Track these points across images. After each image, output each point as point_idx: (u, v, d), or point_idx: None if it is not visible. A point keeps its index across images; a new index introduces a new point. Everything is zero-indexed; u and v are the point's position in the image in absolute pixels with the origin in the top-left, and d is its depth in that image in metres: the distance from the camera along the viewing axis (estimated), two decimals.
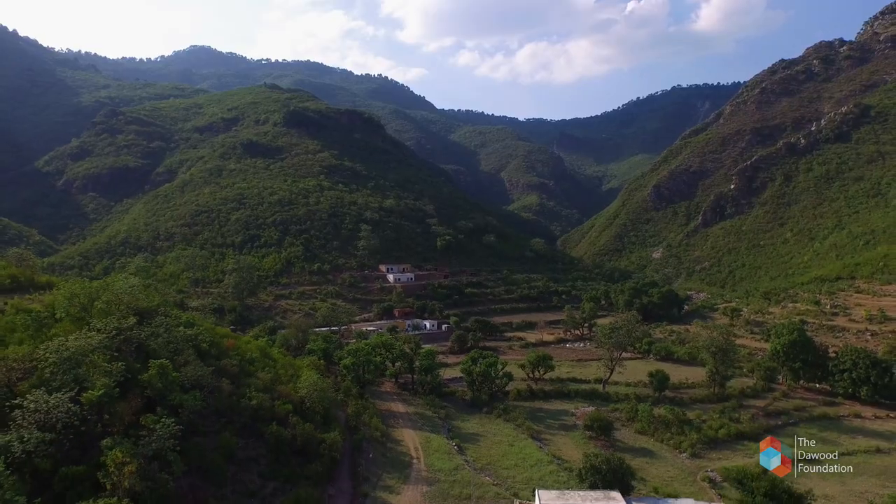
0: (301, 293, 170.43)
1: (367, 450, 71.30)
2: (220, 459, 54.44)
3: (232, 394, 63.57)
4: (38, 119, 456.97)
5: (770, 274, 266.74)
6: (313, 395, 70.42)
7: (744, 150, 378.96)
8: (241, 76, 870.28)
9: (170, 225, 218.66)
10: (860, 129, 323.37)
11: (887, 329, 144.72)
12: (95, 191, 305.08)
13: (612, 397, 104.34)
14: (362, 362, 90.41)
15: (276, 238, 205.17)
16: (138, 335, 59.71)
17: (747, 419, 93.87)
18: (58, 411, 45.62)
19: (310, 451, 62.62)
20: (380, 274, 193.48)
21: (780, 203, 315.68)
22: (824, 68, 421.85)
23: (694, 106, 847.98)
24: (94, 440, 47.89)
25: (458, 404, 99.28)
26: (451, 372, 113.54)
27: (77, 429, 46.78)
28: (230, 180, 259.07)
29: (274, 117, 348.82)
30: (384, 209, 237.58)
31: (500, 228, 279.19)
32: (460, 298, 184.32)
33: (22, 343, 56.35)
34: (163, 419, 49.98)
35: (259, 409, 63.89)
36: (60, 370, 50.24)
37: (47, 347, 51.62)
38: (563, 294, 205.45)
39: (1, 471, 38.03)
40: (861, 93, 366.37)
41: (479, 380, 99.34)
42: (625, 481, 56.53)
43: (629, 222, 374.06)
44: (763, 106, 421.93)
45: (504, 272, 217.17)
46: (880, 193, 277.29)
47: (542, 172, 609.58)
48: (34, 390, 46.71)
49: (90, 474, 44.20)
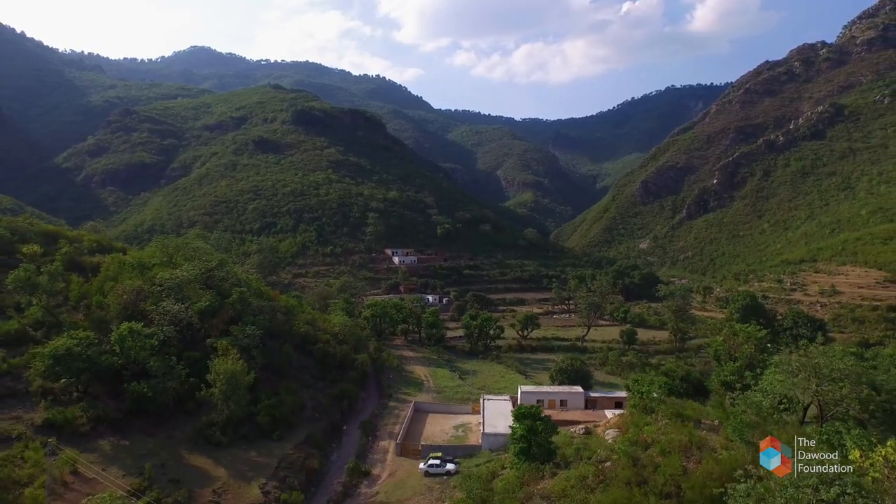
0: (316, 272, 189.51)
1: (388, 372, 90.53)
2: (284, 362, 73.59)
3: (285, 322, 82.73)
4: (49, 118, 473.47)
5: (747, 261, 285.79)
6: (345, 329, 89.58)
7: (727, 148, 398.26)
8: (241, 76, 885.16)
9: (192, 214, 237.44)
10: (834, 128, 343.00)
11: (834, 301, 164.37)
12: (114, 185, 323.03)
13: (588, 350, 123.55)
14: (380, 314, 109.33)
15: (290, 225, 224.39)
16: (217, 274, 78.82)
17: (700, 363, 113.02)
18: (180, 315, 64.74)
19: (346, 365, 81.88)
20: (385, 256, 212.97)
21: (758, 196, 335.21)
22: (805, 70, 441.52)
23: (687, 106, 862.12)
24: (202, 339, 67.12)
25: (459, 354, 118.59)
26: (452, 334, 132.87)
27: (192, 328, 65.97)
28: (244, 174, 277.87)
29: (282, 116, 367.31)
30: (388, 200, 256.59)
31: (495, 219, 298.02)
32: (459, 278, 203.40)
33: (132, 279, 75.18)
34: (246, 328, 69.07)
35: (306, 335, 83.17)
36: (172, 292, 69.27)
37: (163, 278, 70.72)
38: (553, 277, 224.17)
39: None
40: (838, 93, 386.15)
41: (477, 333, 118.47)
42: (585, 380, 75.71)
43: (618, 216, 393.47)
44: (747, 105, 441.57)
45: (498, 257, 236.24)
46: (850, 187, 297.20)
47: (538, 171, 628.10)
48: (164, 301, 65.84)
49: (204, 358, 62.95)
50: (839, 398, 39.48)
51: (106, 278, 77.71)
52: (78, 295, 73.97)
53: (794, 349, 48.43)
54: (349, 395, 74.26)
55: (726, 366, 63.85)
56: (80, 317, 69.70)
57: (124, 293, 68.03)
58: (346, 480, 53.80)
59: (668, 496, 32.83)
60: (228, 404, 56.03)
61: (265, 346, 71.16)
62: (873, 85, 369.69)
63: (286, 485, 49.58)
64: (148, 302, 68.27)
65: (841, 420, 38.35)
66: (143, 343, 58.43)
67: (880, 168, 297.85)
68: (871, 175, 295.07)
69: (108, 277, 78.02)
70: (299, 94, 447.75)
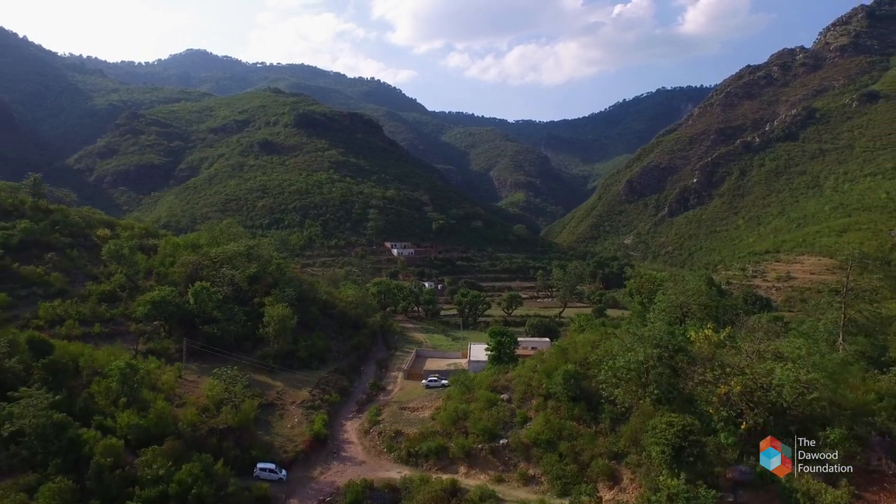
0: (323, 263, 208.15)
1: (393, 335, 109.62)
2: (313, 319, 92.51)
3: (310, 290, 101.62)
4: (56, 121, 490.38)
5: (722, 254, 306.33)
6: (357, 299, 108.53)
7: (708, 149, 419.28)
8: (237, 79, 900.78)
9: (204, 210, 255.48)
10: (806, 130, 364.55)
11: (788, 285, 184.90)
12: (125, 185, 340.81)
13: (564, 323, 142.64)
14: (384, 291, 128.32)
15: (297, 221, 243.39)
16: (256, 251, 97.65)
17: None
18: (235, 278, 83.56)
19: (360, 325, 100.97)
20: (385, 249, 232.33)
21: (735, 194, 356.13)
22: (783, 74, 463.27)
23: (677, 108, 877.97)
24: (250, 298, 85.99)
25: (452, 326, 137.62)
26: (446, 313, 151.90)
27: (241, 290, 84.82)
28: (252, 174, 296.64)
29: (284, 119, 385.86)
30: (386, 198, 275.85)
31: (486, 216, 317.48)
32: (452, 269, 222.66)
33: (188, 255, 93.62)
34: (285, 289, 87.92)
35: (327, 301, 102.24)
36: (226, 262, 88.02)
37: (217, 252, 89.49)
38: (540, 269, 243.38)
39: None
40: (812, 97, 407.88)
41: (468, 309, 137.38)
42: (554, 334, 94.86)
43: (604, 213, 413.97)
44: (727, 108, 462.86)
45: (489, 251, 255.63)
46: (818, 185, 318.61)
47: (530, 172, 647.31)
48: (223, 268, 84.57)
49: (253, 311, 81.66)
50: (688, 303, 60.25)
51: (165, 255, 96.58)
52: (146, 267, 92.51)
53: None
54: (364, 345, 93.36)
55: (636, 297, 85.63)
56: (150, 283, 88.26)
57: (188, 264, 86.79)
58: (369, 392, 73.11)
59: (577, 363, 52.67)
60: (279, 340, 74.96)
61: (298, 305, 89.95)
62: (844, 89, 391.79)
63: (326, 392, 68.65)
64: (204, 271, 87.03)
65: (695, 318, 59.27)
66: (210, 297, 77.21)
67: (846, 168, 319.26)
68: (838, 174, 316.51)
69: (166, 254, 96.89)
70: (300, 98, 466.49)
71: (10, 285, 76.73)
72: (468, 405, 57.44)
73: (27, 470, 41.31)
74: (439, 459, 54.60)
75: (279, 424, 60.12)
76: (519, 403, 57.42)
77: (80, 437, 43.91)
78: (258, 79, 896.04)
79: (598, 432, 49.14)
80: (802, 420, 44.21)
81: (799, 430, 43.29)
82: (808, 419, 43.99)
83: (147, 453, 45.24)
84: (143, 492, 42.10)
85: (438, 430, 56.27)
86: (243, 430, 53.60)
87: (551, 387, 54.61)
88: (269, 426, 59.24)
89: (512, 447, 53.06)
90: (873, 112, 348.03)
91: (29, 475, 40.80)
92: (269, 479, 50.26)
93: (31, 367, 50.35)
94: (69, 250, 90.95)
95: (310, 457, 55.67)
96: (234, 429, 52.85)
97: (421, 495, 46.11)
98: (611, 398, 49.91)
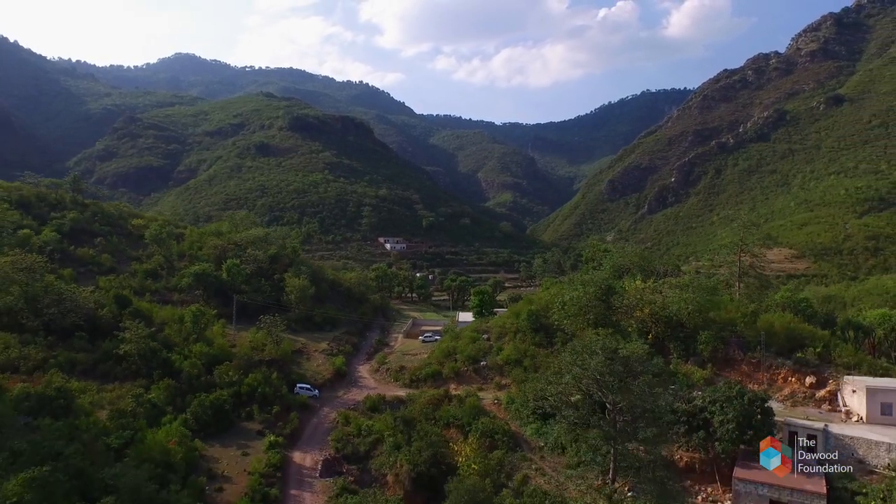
0: (321, 256, 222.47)
1: (391, 312, 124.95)
2: (324, 293, 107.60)
3: (316, 272, 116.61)
4: (52, 125, 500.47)
5: (697, 250, 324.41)
6: (359, 280, 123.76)
7: (686, 149, 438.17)
8: (227, 83, 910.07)
9: (207, 209, 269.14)
10: (777, 131, 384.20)
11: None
12: (125, 186, 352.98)
13: None
14: (382, 276, 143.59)
15: (295, 218, 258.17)
16: (273, 235, 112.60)
17: None
18: (259, 257, 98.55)
19: (363, 300, 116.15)
20: (379, 244, 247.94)
21: (710, 193, 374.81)
22: (757, 78, 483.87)
23: (661, 110, 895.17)
24: (270, 275, 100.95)
25: (442, 308, 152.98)
26: (437, 299, 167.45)
27: (264, 267, 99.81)
28: (250, 175, 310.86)
29: (278, 122, 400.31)
30: (379, 197, 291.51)
31: (473, 215, 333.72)
32: (441, 262, 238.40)
33: (214, 240, 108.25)
34: (300, 268, 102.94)
35: (334, 280, 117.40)
36: (250, 244, 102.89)
37: (242, 236, 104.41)
38: (524, 262, 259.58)
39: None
40: (784, 100, 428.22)
41: (456, 293, 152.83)
42: None
43: (587, 212, 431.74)
44: (705, 111, 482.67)
45: (476, 246, 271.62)
46: (787, 183, 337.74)
47: (517, 173, 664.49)
48: (248, 248, 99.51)
49: (275, 286, 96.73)
50: (626, 263, 77.96)
51: (192, 241, 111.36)
52: (178, 251, 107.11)
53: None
54: (368, 315, 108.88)
55: (589, 264, 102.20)
56: (184, 263, 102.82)
57: (216, 246, 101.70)
58: (376, 346, 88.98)
59: (539, 307, 69.02)
60: (299, 306, 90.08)
61: (311, 280, 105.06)
62: (813, 93, 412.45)
63: (341, 345, 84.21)
64: (230, 252, 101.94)
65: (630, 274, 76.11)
66: (240, 272, 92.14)
67: (813, 167, 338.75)
68: (805, 173, 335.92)
69: (193, 240, 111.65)
70: (292, 102, 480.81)
71: (70, 264, 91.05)
72: (457, 342, 74.00)
73: (135, 378, 56.45)
74: (435, 381, 71.29)
75: (307, 364, 75.72)
76: (495, 340, 74.41)
77: (170, 359, 58.99)
78: (247, 82, 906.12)
79: (552, 353, 65.25)
80: (689, 330, 61.59)
81: (685, 335, 61.20)
82: (692, 330, 61.11)
83: (222, 367, 60.73)
84: (223, 391, 57.31)
85: (433, 362, 72.36)
86: (283, 361, 69.19)
87: (519, 324, 71.52)
88: (300, 365, 74.80)
89: (490, 367, 70.14)
90: (839, 114, 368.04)
91: (139, 381, 55.96)
92: (307, 394, 65.85)
93: (119, 315, 65.20)
94: (111, 237, 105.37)
95: (334, 384, 71.61)
96: (276, 360, 68.57)
97: (422, 399, 61.45)
98: (561, 327, 66.47)
